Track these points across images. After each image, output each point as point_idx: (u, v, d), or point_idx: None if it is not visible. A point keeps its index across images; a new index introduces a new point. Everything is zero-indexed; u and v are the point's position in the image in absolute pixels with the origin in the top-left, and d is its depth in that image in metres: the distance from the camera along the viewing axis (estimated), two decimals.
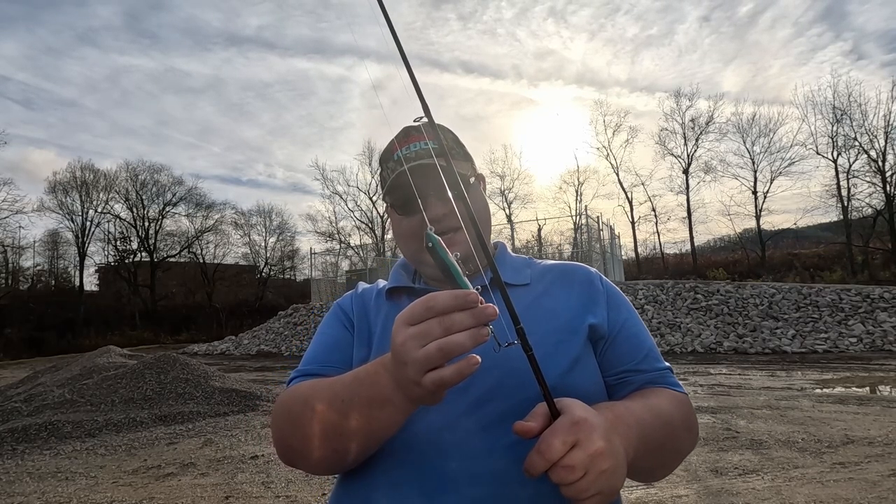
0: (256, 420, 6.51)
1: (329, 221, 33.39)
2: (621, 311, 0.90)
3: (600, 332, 0.86)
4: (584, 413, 0.64)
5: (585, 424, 0.62)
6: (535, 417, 0.65)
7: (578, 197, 30.53)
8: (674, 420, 0.81)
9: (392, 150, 0.94)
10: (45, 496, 4.07)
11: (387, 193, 0.94)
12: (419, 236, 0.89)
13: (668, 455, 0.82)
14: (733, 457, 4.28)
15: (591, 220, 19.78)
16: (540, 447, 0.61)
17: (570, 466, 0.60)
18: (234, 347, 18.83)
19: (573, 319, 0.85)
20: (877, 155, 23.15)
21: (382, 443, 0.74)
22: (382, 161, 0.98)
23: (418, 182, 0.87)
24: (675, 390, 0.86)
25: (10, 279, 31.67)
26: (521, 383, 0.74)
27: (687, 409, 0.85)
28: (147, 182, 32.60)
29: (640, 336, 0.89)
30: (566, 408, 0.64)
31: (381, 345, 0.87)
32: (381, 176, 0.99)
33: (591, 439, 0.61)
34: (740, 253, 28.24)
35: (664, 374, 0.87)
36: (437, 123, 0.95)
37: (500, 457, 0.73)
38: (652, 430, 0.75)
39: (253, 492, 3.97)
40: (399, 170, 0.89)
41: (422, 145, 0.90)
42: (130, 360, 8.84)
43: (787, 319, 12.51)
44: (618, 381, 0.86)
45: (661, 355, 0.90)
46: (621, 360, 0.86)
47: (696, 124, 28.09)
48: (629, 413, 0.73)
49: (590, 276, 0.93)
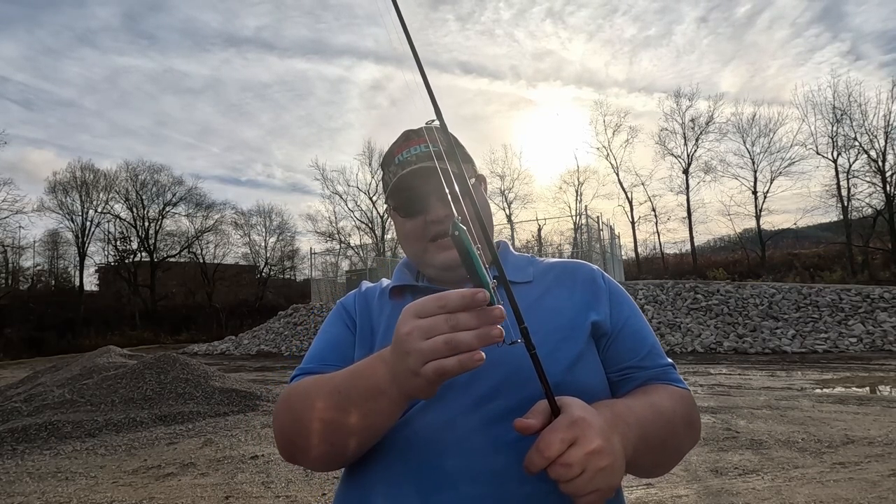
0: (256, 420, 6.51)
1: (329, 221, 33.45)
2: (623, 308, 0.90)
3: (603, 328, 0.86)
4: (582, 412, 0.65)
5: (583, 423, 0.63)
6: (535, 414, 0.66)
7: (578, 197, 30.57)
8: (675, 417, 0.81)
9: (393, 154, 0.95)
10: (45, 496, 4.07)
11: (389, 197, 0.96)
12: (421, 238, 0.91)
13: (669, 452, 0.82)
14: (733, 457, 4.28)
15: (591, 220, 19.79)
16: (539, 445, 0.62)
17: (567, 464, 0.61)
18: (234, 347, 18.83)
19: (575, 317, 0.86)
20: (877, 155, 23.17)
21: (380, 436, 0.75)
22: (384, 165, 0.99)
23: (419, 185, 0.88)
24: (678, 386, 0.87)
25: (10, 279, 31.67)
26: (525, 381, 0.74)
27: (689, 405, 0.86)
28: (147, 182, 32.65)
29: (642, 332, 0.90)
30: (565, 406, 0.66)
31: (383, 342, 0.87)
32: (382, 180, 1.01)
33: (588, 437, 0.63)
34: (740, 253, 28.24)
35: (667, 370, 0.88)
36: (437, 126, 0.97)
37: (499, 455, 0.73)
38: (653, 427, 0.76)
39: (253, 492, 3.97)
40: (400, 173, 0.91)
41: (422, 148, 0.91)
42: (130, 360, 8.84)
43: (787, 319, 12.51)
44: (621, 378, 0.87)
45: (663, 351, 0.91)
46: (624, 356, 0.87)
47: (696, 124, 28.13)
48: (629, 411, 0.74)
49: (592, 273, 0.94)
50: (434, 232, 0.90)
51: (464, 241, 0.61)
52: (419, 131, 0.94)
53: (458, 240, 0.61)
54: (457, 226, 0.61)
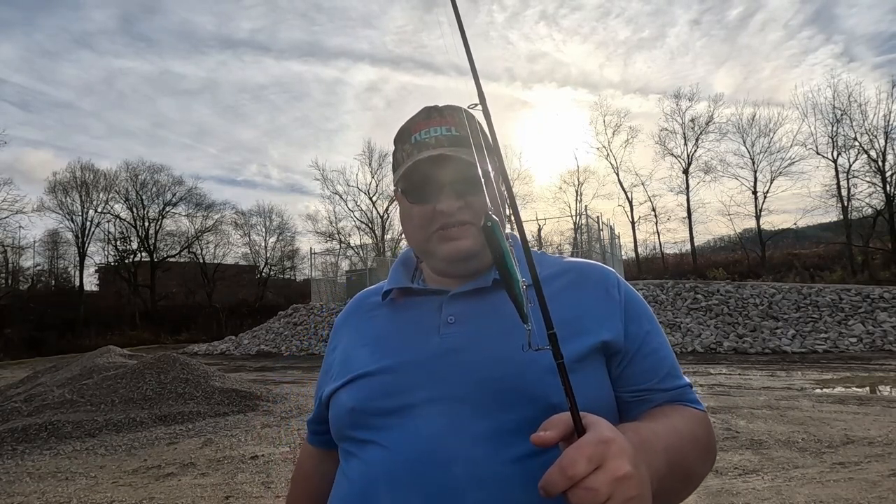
0: (256, 420, 6.51)
1: (329, 221, 33.44)
2: (642, 324, 0.84)
3: (615, 347, 0.80)
4: (612, 433, 0.58)
5: (614, 445, 0.56)
6: (552, 426, 0.59)
7: (578, 197, 30.56)
8: (698, 444, 0.77)
9: (410, 132, 0.88)
10: (45, 496, 4.07)
11: (400, 178, 0.89)
12: (427, 226, 0.86)
13: (690, 480, 0.78)
14: (733, 457, 4.28)
15: (591, 220, 19.79)
16: (562, 462, 0.54)
17: (593, 489, 0.53)
18: (234, 347, 18.82)
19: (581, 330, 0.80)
20: (877, 155, 23.16)
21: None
22: (397, 140, 0.91)
23: (435, 173, 0.84)
24: (696, 408, 0.82)
25: (10, 279, 31.66)
26: (539, 394, 0.72)
27: (707, 429, 0.81)
28: (147, 182, 32.61)
29: (661, 352, 0.83)
30: (592, 424, 0.58)
31: (380, 345, 0.86)
32: (394, 156, 0.93)
33: (618, 462, 0.55)
34: (740, 253, 28.22)
35: (685, 391, 0.83)
36: (461, 107, 0.90)
37: (505, 463, 0.71)
38: (678, 455, 0.71)
39: (253, 492, 3.97)
40: (417, 156, 0.84)
41: (443, 130, 0.85)
42: (130, 360, 8.84)
43: (787, 319, 12.51)
44: (635, 399, 0.81)
45: (681, 370, 0.85)
46: (642, 377, 0.81)
47: (695, 124, 28.11)
48: (656, 437, 0.69)
49: (606, 283, 0.86)
50: (441, 223, 0.84)
51: (496, 233, 0.59)
52: (442, 110, 0.88)
53: (489, 231, 0.59)
54: (490, 217, 0.59)
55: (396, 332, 0.87)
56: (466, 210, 0.84)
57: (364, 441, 0.79)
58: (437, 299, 0.87)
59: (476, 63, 0.71)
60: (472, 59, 0.70)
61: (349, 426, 0.81)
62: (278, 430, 5.98)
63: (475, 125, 0.87)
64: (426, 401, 0.76)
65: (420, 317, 0.86)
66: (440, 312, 0.85)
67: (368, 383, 0.81)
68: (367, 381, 0.82)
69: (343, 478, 0.82)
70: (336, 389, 0.85)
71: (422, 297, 0.89)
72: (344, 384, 0.84)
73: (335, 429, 0.86)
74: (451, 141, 0.85)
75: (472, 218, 0.84)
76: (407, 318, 0.88)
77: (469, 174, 0.82)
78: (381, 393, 0.79)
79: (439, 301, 0.86)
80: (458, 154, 0.82)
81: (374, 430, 0.78)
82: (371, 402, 0.79)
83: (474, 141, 0.83)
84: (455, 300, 0.85)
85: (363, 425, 0.79)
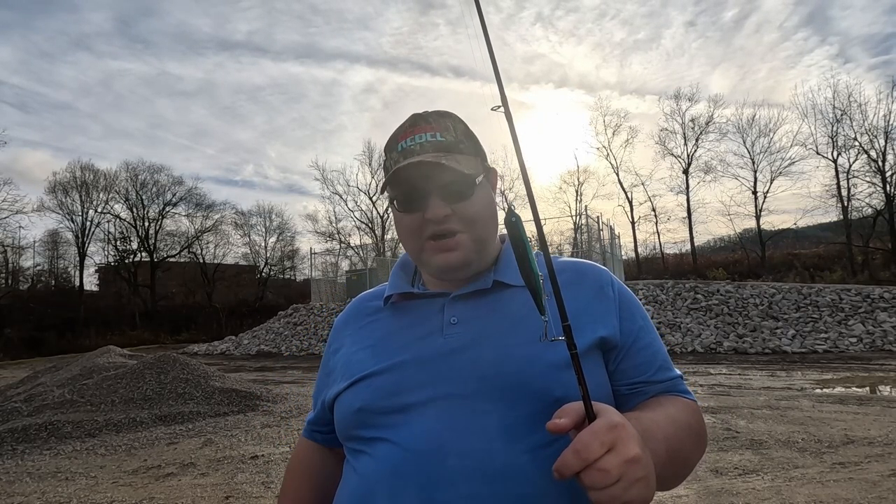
0: (256, 420, 6.51)
1: (329, 221, 33.43)
2: (635, 320, 0.88)
3: (611, 343, 0.84)
4: (621, 419, 0.62)
5: (624, 429, 0.60)
6: (566, 413, 0.63)
7: (578, 197, 30.54)
8: (692, 432, 0.81)
9: (396, 140, 0.89)
10: (45, 496, 4.07)
11: (388, 186, 0.89)
12: (419, 235, 0.87)
13: (686, 466, 0.82)
14: (733, 457, 4.28)
15: (591, 220, 19.79)
16: (576, 446, 0.58)
17: (605, 470, 0.57)
18: (234, 347, 18.82)
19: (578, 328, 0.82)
20: (877, 155, 23.15)
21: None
22: (387, 149, 0.92)
23: (419, 180, 0.84)
24: (687, 398, 0.86)
25: (10, 279, 31.67)
26: (544, 389, 0.74)
27: (699, 417, 0.85)
28: (147, 182, 32.62)
29: (653, 346, 0.87)
30: (603, 411, 0.62)
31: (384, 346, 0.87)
32: (383, 165, 0.94)
33: (628, 445, 0.59)
34: (740, 253, 28.21)
35: (676, 382, 0.87)
36: (448, 112, 0.92)
37: (518, 455, 0.73)
38: (675, 442, 0.75)
39: (253, 492, 3.97)
40: (402, 163, 0.84)
41: (427, 137, 0.86)
42: (130, 360, 8.84)
43: (787, 319, 12.51)
44: (631, 391, 0.85)
45: (672, 363, 0.90)
46: (636, 371, 0.85)
47: (695, 124, 28.11)
48: (656, 426, 0.73)
49: (600, 280, 0.89)
50: (432, 231, 0.85)
51: (519, 229, 0.60)
52: (427, 117, 0.89)
53: (513, 227, 0.61)
54: (513, 213, 0.61)
55: (400, 333, 0.88)
56: (455, 219, 0.84)
57: (372, 439, 0.80)
58: (439, 301, 0.88)
59: (473, 64, 0.72)
60: (496, 63, 0.72)
61: (356, 426, 0.82)
62: (278, 430, 5.98)
63: (462, 130, 0.89)
64: (433, 398, 0.77)
65: (423, 318, 0.87)
66: (443, 314, 0.86)
67: (374, 383, 0.82)
68: (373, 381, 0.83)
69: (352, 472, 0.83)
70: (340, 392, 0.87)
71: (423, 300, 0.90)
72: (348, 386, 0.85)
73: (341, 430, 0.87)
74: (436, 147, 0.85)
75: (461, 227, 0.85)
76: (410, 320, 0.89)
77: (455, 180, 0.83)
78: (388, 392, 0.80)
79: (441, 303, 0.88)
80: (439, 160, 0.82)
81: (383, 427, 0.79)
82: (378, 401, 0.80)
83: (464, 146, 0.85)
84: (456, 302, 0.87)
85: (371, 424, 0.80)
